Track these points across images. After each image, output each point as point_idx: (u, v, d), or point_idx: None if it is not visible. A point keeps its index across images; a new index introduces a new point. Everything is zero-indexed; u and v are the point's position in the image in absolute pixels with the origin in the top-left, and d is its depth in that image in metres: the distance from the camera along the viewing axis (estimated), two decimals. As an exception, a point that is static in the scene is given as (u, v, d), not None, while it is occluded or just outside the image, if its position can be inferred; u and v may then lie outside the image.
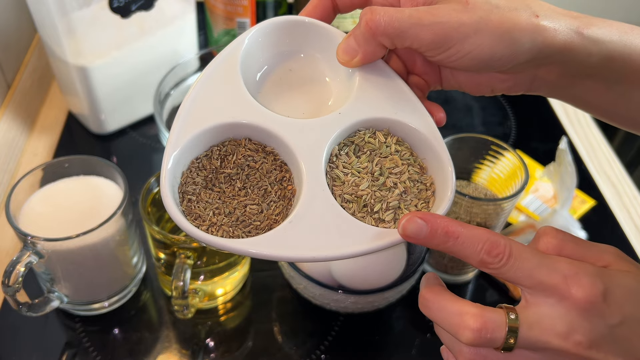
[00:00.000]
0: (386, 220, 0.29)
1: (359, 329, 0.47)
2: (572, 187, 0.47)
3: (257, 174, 0.30)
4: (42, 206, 0.43)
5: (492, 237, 0.25)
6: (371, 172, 0.30)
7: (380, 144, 0.31)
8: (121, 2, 0.53)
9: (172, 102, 0.59)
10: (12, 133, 0.60)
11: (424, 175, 0.31)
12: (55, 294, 0.43)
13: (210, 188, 0.30)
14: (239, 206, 0.29)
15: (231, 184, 0.30)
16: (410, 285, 0.44)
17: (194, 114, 0.30)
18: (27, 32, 0.69)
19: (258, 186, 0.30)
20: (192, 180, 0.30)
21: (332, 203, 0.28)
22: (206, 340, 0.45)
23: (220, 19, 0.65)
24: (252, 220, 0.29)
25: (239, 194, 0.29)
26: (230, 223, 0.28)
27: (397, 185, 0.30)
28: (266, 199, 0.29)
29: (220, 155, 0.30)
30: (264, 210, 0.29)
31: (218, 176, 0.30)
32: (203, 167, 0.30)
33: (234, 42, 0.31)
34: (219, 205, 0.29)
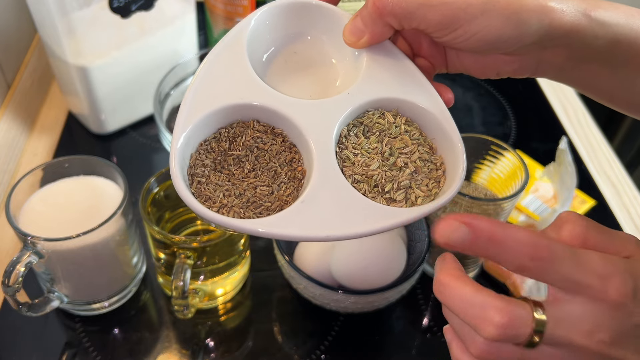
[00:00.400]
0: (397, 200, 0.28)
1: (359, 329, 0.47)
2: (572, 187, 0.47)
3: (266, 155, 0.30)
4: (42, 206, 0.43)
5: (535, 240, 0.23)
6: (381, 153, 0.30)
7: (389, 124, 0.31)
8: (121, 2, 0.53)
9: (172, 102, 0.59)
10: (12, 133, 0.60)
11: (434, 155, 0.31)
12: (55, 294, 0.43)
13: (220, 170, 0.30)
14: (249, 188, 0.29)
15: (240, 165, 0.30)
16: (410, 285, 0.44)
17: (202, 95, 0.29)
18: (27, 32, 0.69)
19: (268, 167, 0.30)
20: (201, 163, 0.29)
21: (343, 183, 0.28)
22: (206, 340, 0.45)
23: (220, 18, 0.65)
24: (262, 202, 0.29)
25: (248, 175, 0.30)
26: (241, 204, 0.28)
27: (407, 165, 0.30)
28: (276, 180, 0.29)
29: (228, 137, 0.30)
30: (275, 191, 0.29)
31: (227, 158, 0.30)
32: (212, 149, 0.30)
33: (239, 24, 0.31)
34: (228, 187, 0.29)
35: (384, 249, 0.42)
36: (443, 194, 0.29)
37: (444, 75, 0.74)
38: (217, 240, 0.41)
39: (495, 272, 0.50)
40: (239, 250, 0.45)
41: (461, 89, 0.71)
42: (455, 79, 0.73)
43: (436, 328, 0.47)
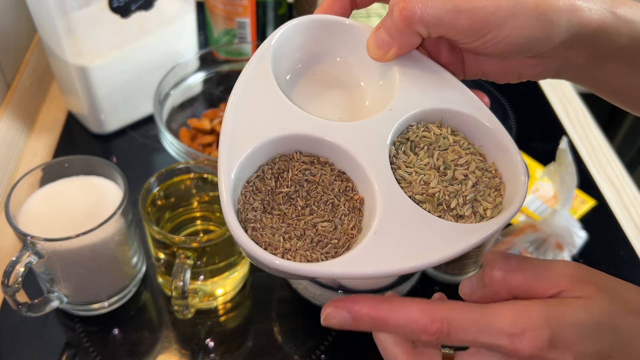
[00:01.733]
0: (466, 215, 0.27)
1: (359, 329, 0.47)
2: (572, 187, 0.47)
3: (318, 187, 0.28)
4: (42, 206, 0.43)
5: (425, 315, 0.24)
6: (436, 168, 0.28)
7: (436, 137, 0.29)
8: (121, 2, 0.53)
9: (172, 102, 0.59)
10: (11, 133, 0.60)
11: (487, 163, 0.29)
12: (55, 294, 0.43)
13: (270, 212, 0.27)
14: (307, 226, 0.27)
15: (292, 203, 0.27)
16: (410, 285, 0.44)
17: (239, 133, 0.27)
18: (26, 32, 0.69)
19: (323, 201, 0.27)
20: (251, 207, 0.27)
21: (412, 206, 0.26)
22: (206, 340, 0.45)
23: (220, 18, 0.65)
24: (329, 239, 0.26)
25: (303, 212, 0.27)
26: (306, 246, 0.26)
27: (467, 177, 0.28)
28: (336, 213, 0.27)
29: (273, 174, 0.28)
30: (338, 226, 0.27)
31: (275, 197, 0.27)
32: (257, 190, 0.27)
33: (262, 47, 0.29)
34: (285, 229, 0.26)
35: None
36: (509, 202, 0.27)
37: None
38: (216, 241, 0.41)
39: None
40: (239, 251, 0.45)
41: (461, 89, 0.71)
42: (455, 79, 0.73)
43: (436, 328, 0.47)
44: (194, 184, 0.48)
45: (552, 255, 0.49)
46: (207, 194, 0.49)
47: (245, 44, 0.65)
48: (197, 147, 0.56)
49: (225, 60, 0.63)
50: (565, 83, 0.76)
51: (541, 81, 0.74)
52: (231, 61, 0.63)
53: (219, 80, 0.63)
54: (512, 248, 0.50)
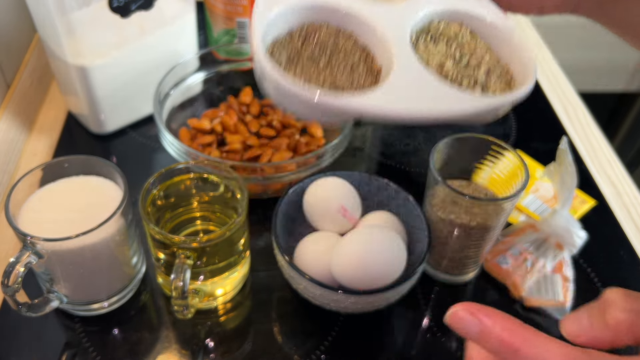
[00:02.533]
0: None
1: (358, 329, 0.47)
2: (572, 187, 0.47)
3: (340, 53, 0.30)
4: (42, 206, 0.43)
5: (565, 358, 0.21)
6: (452, 56, 0.30)
7: (455, 34, 0.32)
8: (121, 2, 0.53)
9: (171, 102, 0.59)
10: (11, 133, 0.60)
11: (500, 63, 0.31)
12: (55, 294, 0.43)
13: (294, 67, 0.29)
14: (327, 80, 0.29)
15: (314, 62, 0.29)
16: (410, 285, 0.44)
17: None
18: (26, 32, 0.69)
19: (343, 64, 0.30)
20: (276, 59, 0.29)
21: (424, 71, 0.28)
22: (206, 340, 0.45)
23: (220, 18, 0.65)
24: (344, 88, 0.28)
25: (324, 71, 0.29)
26: (324, 91, 0.28)
27: (480, 65, 0.30)
28: (353, 73, 0.29)
29: (300, 37, 0.30)
30: (354, 82, 0.29)
31: (300, 56, 0.29)
32: (284, 47, 0.30)
33: None
34: (306, 78, 0.29)
35: (384, 249, 0.42)
36: (517, 89, 0.29)
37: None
38: (216, 241, 0.41)
39: (496, 272, 0.50)
40: (239, 251, 0.45)
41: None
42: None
43: (436, 328, 0.47)
44: (193, 184, 0.48)
45: (552, 255, 0.49)
46: (207, 194, 0.49)
47: (245, 44, 0.65)
48: (197, 147, 0.56)
49: (225, 60, 0.63)
50: (565, 83, 0.76)
51: (541, 82, 0.74)
52: (231, 61, 0.63)
53: (218, 80, 0.63)
54: (512, 248, 0.50)
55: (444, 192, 0.43)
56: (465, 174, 0.49)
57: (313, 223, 0.49)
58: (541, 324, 0.48)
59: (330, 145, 0.52)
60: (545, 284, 0.49)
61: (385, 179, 0.50)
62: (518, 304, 0.49)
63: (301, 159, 0.50)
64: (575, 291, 0.49)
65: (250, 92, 0.62)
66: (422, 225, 0.46)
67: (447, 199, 0.44)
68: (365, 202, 0.51)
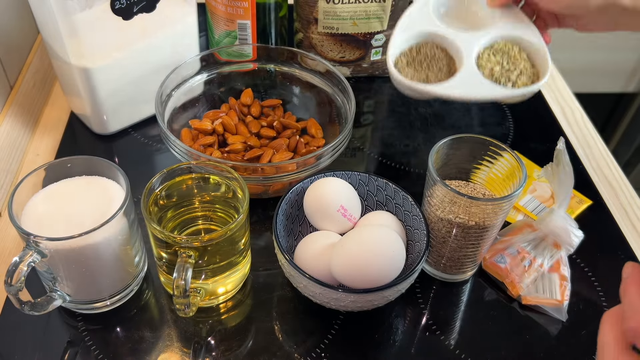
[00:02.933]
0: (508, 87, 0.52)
1: (358, 327, 0.47)
2: (569, 188, 0.47)
3: (435, 59, 0.54)
4: (45, 206, 0.44)
5: None
6: (500, 63, 0.53)
7: (507, 49, 0.53)
8: (123, 4, 0.54)
9: (173, 102, 0.59)
10: (14, 134, 0.61)
11: (533, 68, 0.53)
12: (58, 293, 0.44)
13: (409, 65, 0.54)
14: (423, 75, 0.53)
15: (420, 64, 0.54)
16: (409, 284, 0.44)
17: (405, 27, 0.54)
18: (29, 34, 0.70)
19: (435, 66, 0.53)
20: (400, 63, 0.54)
21: (477, 72, 0.52)
22: (207, 338, 0.46)
23: (221, 20, 0.65)
24: (431, 81, 0.52)
25: (425, 70, 0.53)
26: (419, 83, 0.52)
27: (516, 69, 0.52)
28: (439, 72, 0.53)
29: (414, 49, 0.55)
30: (438, 77, 0.53)
31: (414, 61, 0.54)
32: (405, 56, 0.54)
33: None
34: (412, 75, 0.53)
35: (384, 248, 0.43)
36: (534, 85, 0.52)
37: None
38: (218, 240, 0.42)
39: (494, 271, 0.51)
40: (240, 250, 0.45)
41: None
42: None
43: (435, 327, 0.48)
44: (195, 184, 0.48)
45: (550, 254, 0.49)
46: (209, 194, 0.49)
47: (246, 45, 0.65)
48: (198, 147, 0.56)
49: (227, 61, 0.64)
50: (562, 85, 0.76)
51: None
52: (232, 62, 0.64)
53: (220, 82, 0.64)
54: (510, 247, 0.50)
55: (443, 192, 0.44)
56: (464, 174, 0.49)
57: (313, 223, 0.49)
58: (538, 322, 0.48)
59: (330, 145, 0.52)
60: (542, 282, 0.49)
61: (384, 179, 0.50)
62: (516, 303, 0.49)
63: (301, 159, 0.51)
64: (573, 290, 0.50)
65: (251, 93, 0.63)
66: (421, 224, 0.47)
67: (446, 199, 0.44)
68: (365, 202, 0.52)
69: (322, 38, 0.68)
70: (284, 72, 0.64)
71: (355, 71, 0.72)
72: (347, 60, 0.70)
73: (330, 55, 0.69)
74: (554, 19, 0.54)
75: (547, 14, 0.54)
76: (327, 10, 0.65)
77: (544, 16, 0.55)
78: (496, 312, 0.49)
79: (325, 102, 0.62)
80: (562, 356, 0.46)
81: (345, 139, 0.54)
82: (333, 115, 0.61)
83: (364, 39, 0.68)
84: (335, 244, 0.45)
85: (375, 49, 0.69)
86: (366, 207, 0.52)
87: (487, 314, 0.49)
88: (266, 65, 0.64)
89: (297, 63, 0.63)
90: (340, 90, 0.60)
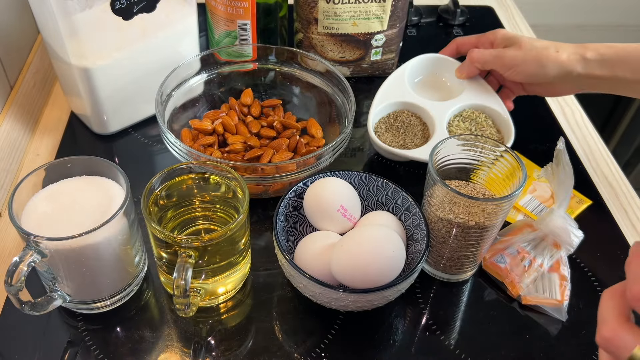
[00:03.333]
0: None
1: (358, 327, 0.47)
2: (569, 188, 0.47)
3: (410, 126, 0.60)
4: (45, 206, 0.44)
5: None
6: (469, 129, 0.59)
7: (476, 116, 0.60)
8: (123, 4, 0.54)
9: (173, 102, 0.59)
10: (14, 134, 0.61)
11: (499, 134, 0.59)
12: (58, 292, 0.44)
13: (388, 131, 0.60)
14: (400, 141, 0.59)
15: (397, 130, 0.59)
16: (409, 284, 0.44)
17: (384, 96, 0.61)
18: (29, 34, 0.70)
19: (410, 132, 0.59)
20: (379, 129, 0.60)
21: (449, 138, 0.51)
22: (207, 338, 0.46)
23: (221, 20, 0.65)
24: (408, 147, 0.58)
25: (401, 136, 0.59)
26: (397, 148, 0.58)
27: (484, 134, 0.56)
28: (414, 137, 0.59)
29: (392, 117, 0.60)
30: (413, 142, 0.58)
31: (391, 127, 0.60)
32: (383, 122, 0.60)
33: (403, 66, 0.64)
34: (390, 140, 0.59)
35: (384, 248, 0.43)
36: None
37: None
38: (218, 240, 0.42)
39: (494, 271, 0.51)
40: (240, 250, 0.46)
41: (460, 90, 0.72)
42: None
43: (435, 326, 0.48)
44: (195, 184, 0.48)
45: (550, 254, 0.49)
46: (209, 194, 0.49)
47: (246, 45, 0.65)
48: (198, 147, 0.56)
49: (227, 61, 0.64)
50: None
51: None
52: (232, 62, 0.64)
53: (220, 82, 0.64)
54: (510, 247, 0.50)
55: (443, 192, 0.44)
56: (464, 174, 0.49)
57: (313, 223, 0.49)
58: (538, 322, 0.48)
59: (330, 145, 0.52)
60: (542, 282, 0.49)
61: (384, 179, 0.50)
62: (516, 303, 0.49)
63: (301, 159, 0.51)
64: (573, 290, 0.50)
65: (251, 93, 0.63)
66: (421, 224, 0.47)
67: (446, 199, 0.44)
68: (365, 202, 0.52)
69: (322, 38, 0.68)
70: (284, 72, 0.64)
71: (355, 71, 0.72)
72: (347, 60, 0.70)
73: (330, 55, 0.69)
74: (519, 87, 0.61)
75: (512, 84, 0.61)
76: (327, 11, 0.65)
77: (510, 85, 0.61)
78: (496, 312, 0.49)
79: (325, 102, 0.62)
80: (562, 356, 0.46)
81: (345, 139, 0.54)
82: (333, 115, 0.61)
83: (364, 39, 0.68)
84: (335, 244, 0.45)
85: (375, 49, 0.70)
86: (366, 207, 0.52)
87: (487, 314, 0.49)
88: (266, 65, 0.64)
89: (297, 63, 0.63)
90: (340, 90, 0.60)
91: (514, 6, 0.91)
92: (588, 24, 1.19)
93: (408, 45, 0.78)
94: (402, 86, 0.61)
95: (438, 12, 0.85)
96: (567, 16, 1.16)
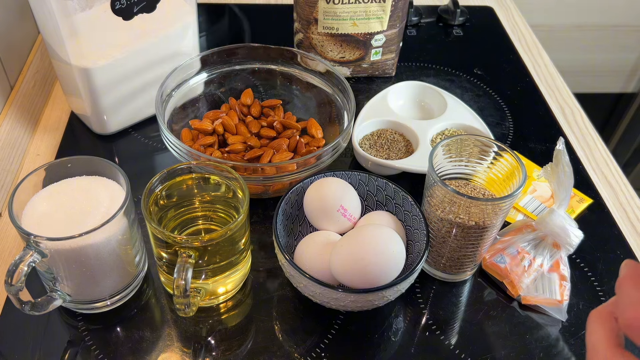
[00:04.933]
0: None
1: (358, 327, 0.47)
2: (569, 188, 0.47)
3: (394, 142, 0.60)
4: (45, 206, 0.44)
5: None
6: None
7: (457, 134, 0.59)
8: (123, 4, 0.54)
9: (174, 102, 0.59)
10: (15, 134, 0.61)
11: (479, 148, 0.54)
12: (58, 292, 0.44)
13: (372, 148, 0.60)
14: (385, 155, 0.59)
15: (382, 146, 0.60)
16: (409, 284, 0.44)
17: (366, 115, 0.62)
18: (29, 34, 0.70)
19: (397, 147, 0.60)
20: (364, 145, 0.60)
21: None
22: (207, 338, 0.46)
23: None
24: (392, 159, 0.58)
25: (385, 151, 0.60)
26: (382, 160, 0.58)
27: (467, 152, 0.49)
28: (398, 152, 0.60)
29: (376, 134, 0.61)
30: (397, 156, 0.59)
31: (375, 144, 0.60)
32: (368, 140, 0.61)
33: (383, 90, 0.65)
34: (376, 154, 0.60)
35: (383, 248, 0.43)
36: None
37: (445, 72, 0.75)
38: (218, 240, 0.42)
39: (494, 271, 0.51)
40: (240, 250, 0.46)
41: (459, 90, 0.72)
42: (453, 80, 0.73)
43: (435, 326, 0.48)
44: (195, 184, 0.48)
45: (550, 254, 0.49)
46: (209, 194, 0.49)
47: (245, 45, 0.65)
48: (198, 147, 0.56)
49: (227, 61, 0.64)
50: (562, 85, 0.76)
51: (539, 83, 0.75)
52: (232, 62, 0.64)
53: (220, 82, 0.64)
54: (509, 247, 0.50)
55: (443, 192, 0.44)
56: (464, 174, 0.49)
57: (313, 223, 0.49)
58: (538, 322, 0.48)
59: (330, 145, 0.52)
60: (542, 282, 0.49)
61: (384, 179, 0.50)
62: (515, 303, 0.50)
63: (301, 159, 0.51)
64: (572, 290, 0.50)
65: (251, 93, 0.63)
66: (421, 224, 0.47)
67: (446, 199, 0.44)
68: (365, 202, 0.52)
69: (322, 38, 0.68)
70: (284, 72, 0.64)
71: (355, 71, 0.72)
72: (347, 60, 0.70)
73: (330, 55, 0.70)
74: None
75: None
76: (327, 11, 0.65)
77: None
78: (496, 312, 0.49)
79: (325, 102, 0.62)
80: (562, 356, 0.46)
81: (345, 139, 0.54)
82: (333, 115, 0.61)
83: (364, 39, 0.68)
84: (335, 244, 0.45)
85: (375, 49, 0.70)
86: (366, 207, 0.52)
87: (487, 314, 0.49)
88: (266, 65, 0.64)
89: (297, 63, 0.63)
90: (340, 90, 0.60)
91: (514, 6, 0.91)
92: (588, 24, 1.19)
93: (408, 46, 0.78)
94: (385, 107, 0.63)
95: (438, 12, 0.85)
96: (567, 16, 1.16)
